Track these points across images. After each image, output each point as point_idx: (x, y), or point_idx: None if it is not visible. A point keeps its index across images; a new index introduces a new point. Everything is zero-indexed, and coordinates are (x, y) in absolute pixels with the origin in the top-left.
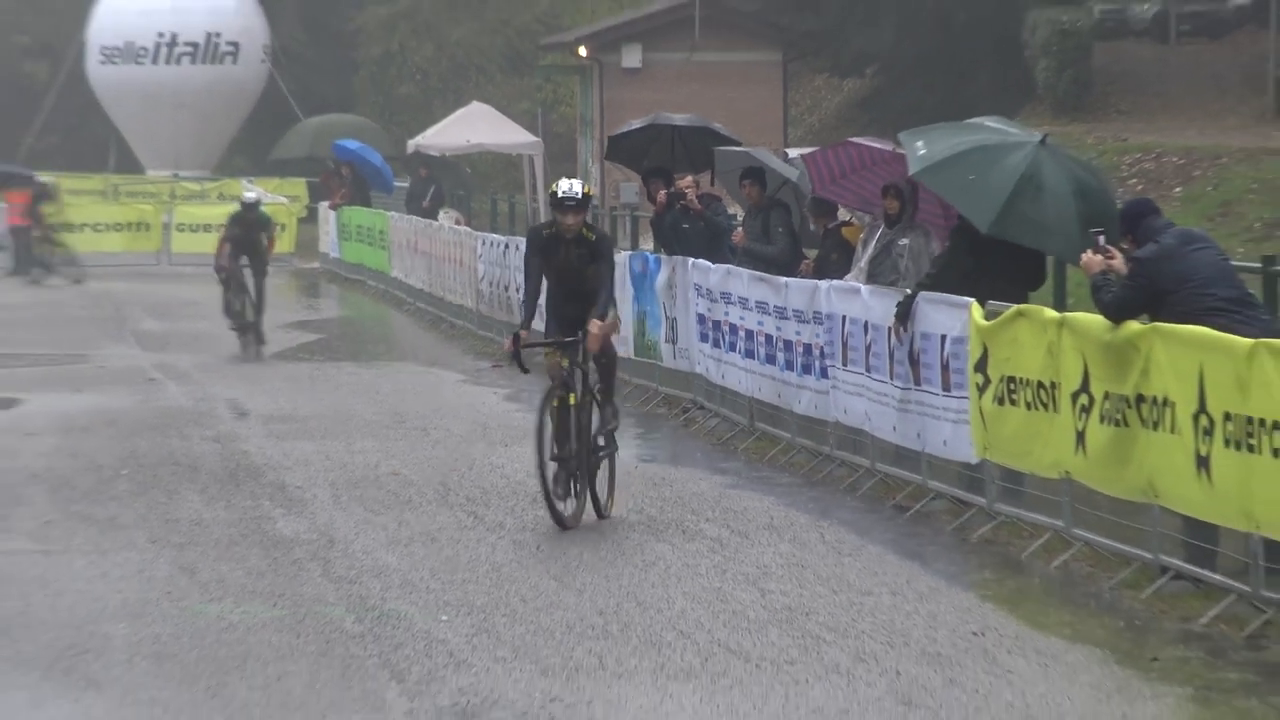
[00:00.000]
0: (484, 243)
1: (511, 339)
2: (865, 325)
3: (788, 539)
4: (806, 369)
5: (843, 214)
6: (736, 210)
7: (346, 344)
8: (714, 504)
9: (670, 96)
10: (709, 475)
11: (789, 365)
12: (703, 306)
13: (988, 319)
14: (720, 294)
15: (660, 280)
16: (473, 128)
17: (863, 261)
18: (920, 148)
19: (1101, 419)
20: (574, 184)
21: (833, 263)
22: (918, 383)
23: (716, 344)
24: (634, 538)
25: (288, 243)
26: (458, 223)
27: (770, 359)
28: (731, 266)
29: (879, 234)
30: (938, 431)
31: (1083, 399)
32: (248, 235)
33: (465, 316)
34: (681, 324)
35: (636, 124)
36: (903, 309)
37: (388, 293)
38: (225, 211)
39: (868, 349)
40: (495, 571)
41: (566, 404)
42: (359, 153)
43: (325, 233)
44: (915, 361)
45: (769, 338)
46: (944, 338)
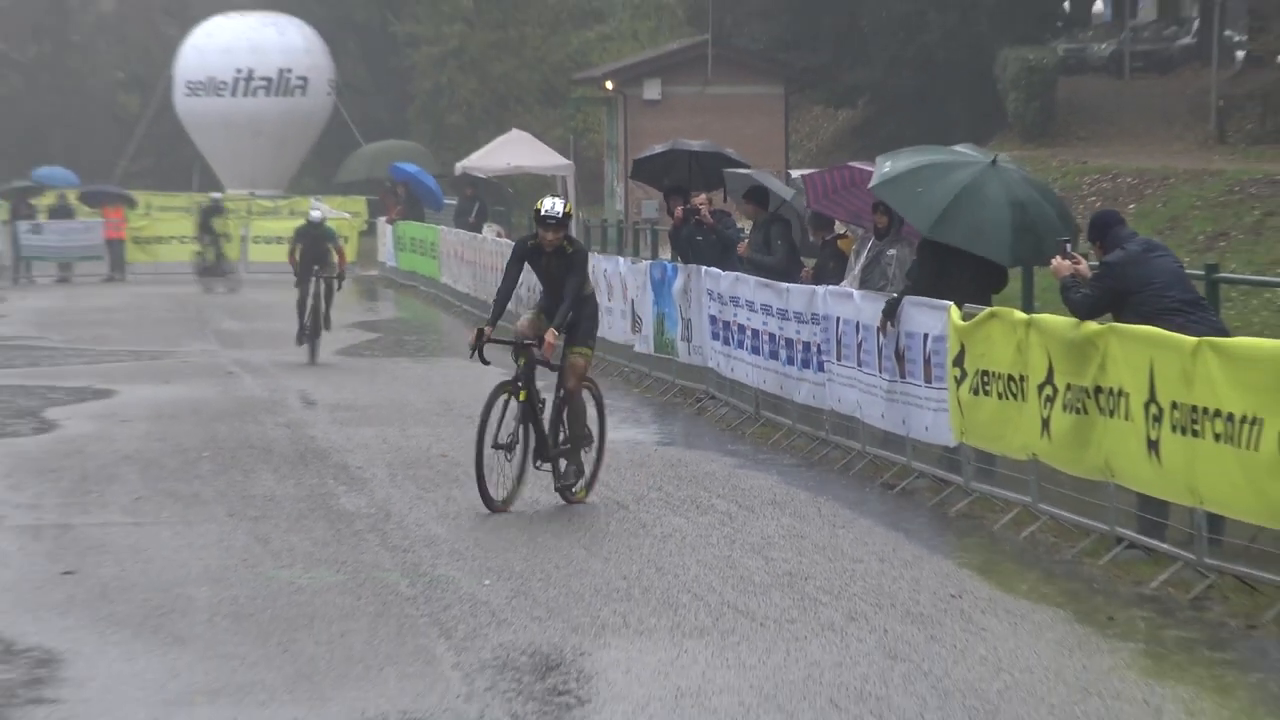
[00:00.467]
0: None
1: (476, 333)
2: (857, 325)
3: (789, 513)
4: (805, 364)
5: (839, 228)
6: (745, 224)
7: (401, 342)
8: (724, 482)
9: (686, 125)
10: (719, 457)
11: (790, 360)
12: (714, 309)
13: (965, 320)
14: (730, 298)
15: (677, 286)
16: (512, 152)
17: (856, 270)
18: (885, 166)
19: (1064, 407)
20: (556, 203)
21: (829, 271)
22: (903, 375)
23: (726, 342)
24: (653, 512)
25: (350, 253)
26: (499, 235)
27: (774, 355)
28: (740, 274)
29: (870, 245)
30: (920, 418)
31: (1047, 390)
32: (315, 247)
33: (505, 318)
34: (696, 324)
35: (657, 149)
36: (888, 310)
37: (437, 297)
38: (296, 225)
39: (859, 346)
40: (531, 541)
41: (515, 399)
42: (414, 174)
43: (383, 244)
44: (901, 357)
45: (772, 336)
46: (926, 336)
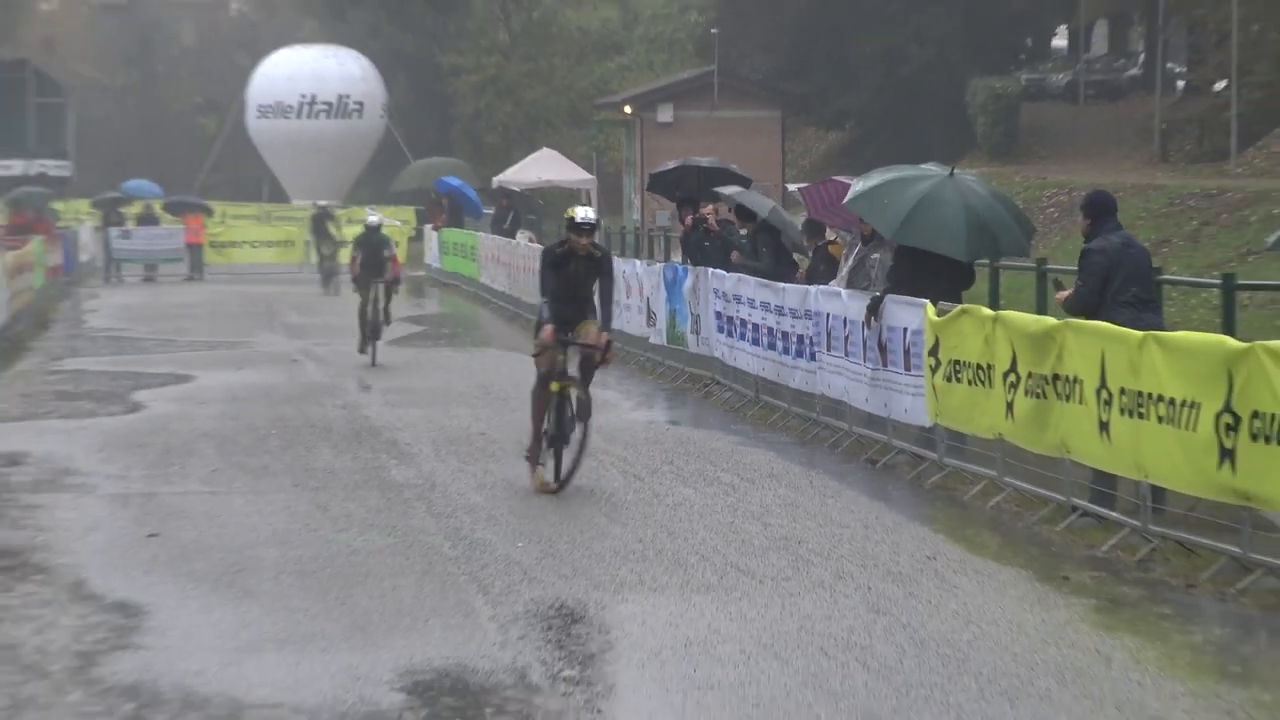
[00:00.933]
0: None
1: (552, 330)
2: (844, 320)
3: (784, 484)
4: (799, 354)
5: (830, 234)
6: (744, 230)
7: (445, 334)
8: (727, 457)
9: (696, 144)
10: (724, 435)
11: (786, 351)
12: (720, 305)
13: (939, 315)
14: (733, 296)
15: (687, 285)
16: (543, 167)
17: (844, 272)
18: (858, 184)
19: (1026, 393)
20: (589, 211)
21: (820, 272)
22: (885, 364)
23: (730, 334)
24: (665, 483)
25: (400, 256)
26: (531, 241)
27: (771, 346)
28: (741, 275)
29: (856, 250)
30: (900, 402)
31: (1011, 377)
32: (372, 253)
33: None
34: (703, 319)
35: (670, 165)
36: (872, 307)
37: (477, 295)
38: (353, 232)
39: (846, 338)
40: (559, 509)
41: (555, 391)
42: (456, 187)
43: (429, 248)
44: (883, 348)
45: (770, 329)
46: (906, 329)
